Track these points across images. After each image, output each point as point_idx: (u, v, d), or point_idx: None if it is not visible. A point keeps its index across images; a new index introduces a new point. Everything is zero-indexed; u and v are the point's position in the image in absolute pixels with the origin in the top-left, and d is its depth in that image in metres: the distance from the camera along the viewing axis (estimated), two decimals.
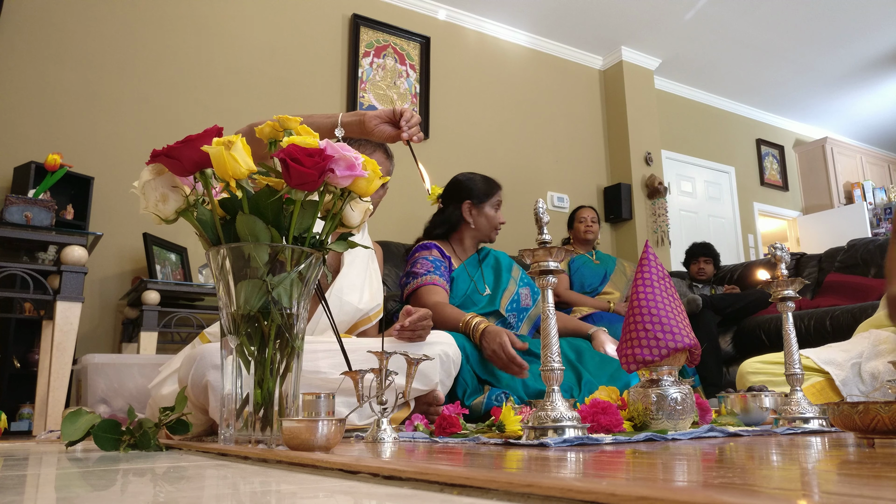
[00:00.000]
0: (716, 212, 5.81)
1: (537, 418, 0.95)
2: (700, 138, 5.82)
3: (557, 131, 4.85)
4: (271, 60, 3.77)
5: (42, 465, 0.94)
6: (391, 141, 1.50)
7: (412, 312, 1.59)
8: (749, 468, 0.59)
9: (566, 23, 4.70)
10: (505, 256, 2.31)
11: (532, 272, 1.02)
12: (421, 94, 4.23)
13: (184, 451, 1.08)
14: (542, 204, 1.04)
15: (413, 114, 1.49)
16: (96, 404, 1.99)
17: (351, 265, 1.71)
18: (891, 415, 0.72)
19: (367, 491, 0.56)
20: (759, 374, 1.65)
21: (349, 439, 1.23)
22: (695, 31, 4.84)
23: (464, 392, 1.76)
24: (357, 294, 1.69)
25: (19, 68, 3.06)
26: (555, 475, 0.53)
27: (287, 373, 1.05)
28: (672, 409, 1.09)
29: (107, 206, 3.09)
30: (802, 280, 1.31)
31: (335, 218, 1.12)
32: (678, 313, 1.17)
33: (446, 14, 4.48)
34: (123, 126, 3.26)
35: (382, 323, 1.44)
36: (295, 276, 1.06)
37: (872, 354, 1.64)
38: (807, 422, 1.17)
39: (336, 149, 1.02)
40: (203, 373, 1.28)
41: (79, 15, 3.25)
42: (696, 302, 3.42)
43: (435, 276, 2.08)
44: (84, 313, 2.57)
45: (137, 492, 0.61)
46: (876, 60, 5.38)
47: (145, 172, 1.06)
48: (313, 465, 0.73)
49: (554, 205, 4.66)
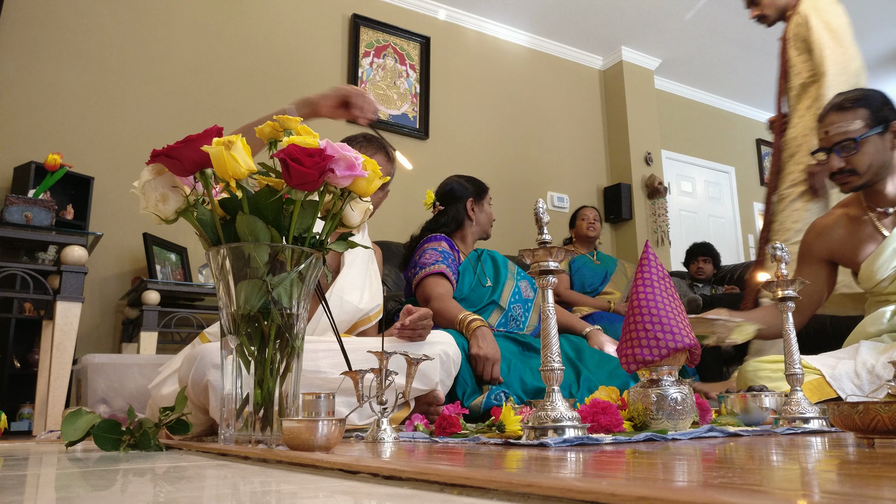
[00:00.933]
0: (716, 212, 5.81)
1: (537, 418, 0.95)
2: (700, 138, 5.82)
3: (557, 131, 4.85)
4: (271, 60, 3.77)
5: (42, 465, 0.94)
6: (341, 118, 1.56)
7: (412, 311, 1.59)
8: (749, 468, 0.59)
9: (566, 23, 4.70)
10: (498, 254, 2.34)
11: (532, 272, 1.02)
12: (421, 94, 4.23)
13: (184, 451, 1.08)
14: (542, 204, 1.04)
15: (362, 93, 1.54)
16: (96, 404, 1.99)
17: (351, 265, 1.71)
18: (891, 415, 0.72)
19: (367, 491, 0.56)
20: (759, 374, 1.65)
21: (349, 439, 1.23)
22: (695, 31, 4.84)
23: (463, 392, 1.76)
24: (357, 294, 1.69)
25: (19, 68, 3.06)
26: (555, 475, 0.53)
27: (287, 373, 1.05)
28: (672, 409, 1.09)
29: (107, 206, 3.09)
30: (802, 280, 1.31)
31: (335, 218, 1.12)
32: (678, 313, 1.17)
33: (446, 14, 4.48)
34: (123, 126, 3.26)
35: (382, 323, 1.44)
36: (295, 276, 1.06)
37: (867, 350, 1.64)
38: (807, 422, 1.17)
39: (336, 149, 1.02)
40: (203, 372, 1.28)
41: (79, 15, 3.25)
42: (697, 302, 3.42)
43: (443, 266, 2.09)
44: (84, 313, 2.57)
45: (137, 492, 0.61)
46: (876, 60, 5.38)
47: (145, 172, 1.06)
48: (313, 465, 0.73)
49: (554, 205, 4.66)
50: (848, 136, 1.70)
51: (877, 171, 1.72)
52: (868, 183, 1.74)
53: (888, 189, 1.76)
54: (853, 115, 1.71)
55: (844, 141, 1.71)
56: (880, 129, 1.71)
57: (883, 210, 1.78)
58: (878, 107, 1.72)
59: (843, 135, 1.71)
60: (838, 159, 1.73)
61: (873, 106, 1.72)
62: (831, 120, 1.74)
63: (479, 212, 2.34)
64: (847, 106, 1.72)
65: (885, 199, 1.78)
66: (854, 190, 1.78)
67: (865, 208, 1.82)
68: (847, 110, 1.72)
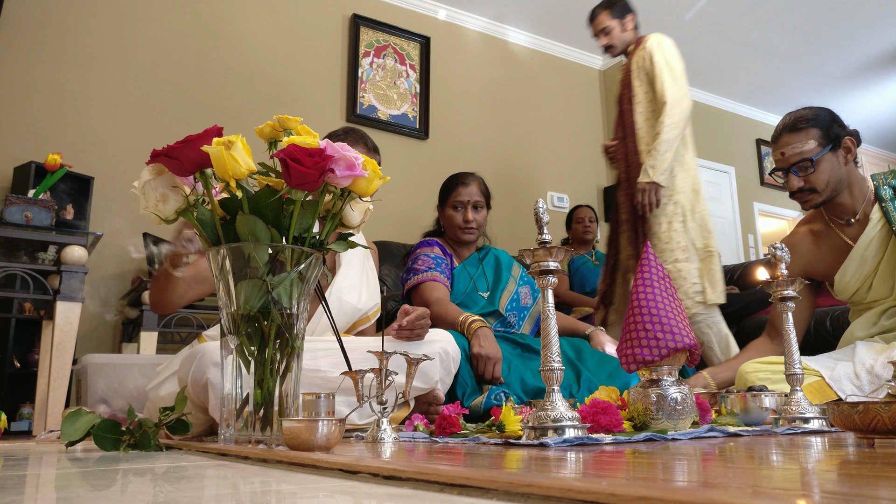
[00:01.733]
0: (716, 212, 5.80)
1: (537, 418, 0.95)
2: (699, 138, 5.78)
3: (557, 131, 4.85)
4: (271, 60, 3.77)
5: (42, 465, 0.94)
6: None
7: (410, 312, 1.59)
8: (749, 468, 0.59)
9: (566, 23, 4.70)
10: (505, 255, 2.31)
11: (532, 272, 1.02)
12: (421, 94, 4.23)
13: (184, 451, 1.08)
14: (542, 204, 1.04)
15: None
16: (96, 404, 1.99)
17: (348, 265, 1.72)
18: (891, 415, 0.72)
19: (367, 491, 0.56)
20: (759, 375, 1.65)
21: (349, 439, 1.23)
22: (695, 31, 4.84)
23: (463, 392, 1.76)
24: (356, 294, 1.69)
25: (19, 68, 3.06)
26: (555, 475, 0.53)
27: (287, 373, 1.05)
28: (672, 409, 1.09)
29: (107, 206, 3.09)
30: (802, 280, 1.31)
31: (335, 218, 1.12)
32: (678, 313, 1.17)
33: (446, 14, 4.48)
34: (123, 126, 3.26)
35: (382, 322, 1.44)
36: (295, 276, 1.06)
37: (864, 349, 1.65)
38: (807, 422, 1.17)
39: (336, 149, 1.02)
40: (203, 370, 1.28)
41: (79, 15, 3.25)
42: None
43: (436, 273, 2.07)
44: (84, 313, 2.57)
45: (137, 492, 0.61)
46: (876, 60, 5.38)
47: (145, 172, 1.06)
48: (313, 465, 0.73)
49: (554, 205, 4.66)
50: (804, 157, 1.74)
51: (835, 186, 1.76)
52: (828, 199, 1.79)
53: (847, 200, 1.80)
54: (806, 136, 1.74)
55: (801, 161, 1.74)
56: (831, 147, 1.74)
57: (845, 220, 1.82)
58: (829, 124, 1.75)
59: (799, 155, 1.74)
60: (797, 179, 1.77)
61: (823, 125, 1.75)
62: (786, 141, 1.77)
63: (444, 218, 2.24)
64: (800, 126, 1.75)
65: (846, 210, 1.81)
66: (815, 207, 1.82)
67: (828, 221, 1.86)
68: (800, 130, 1.75)
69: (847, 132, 1.76)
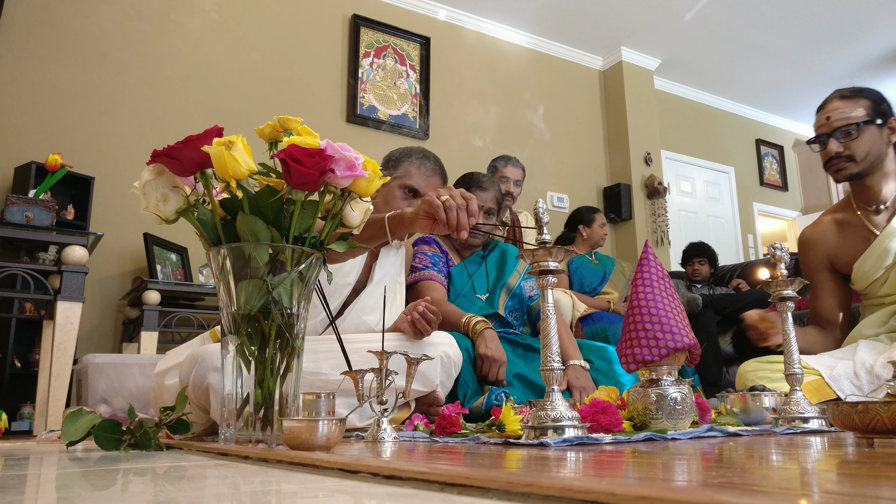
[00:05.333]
0: (715, 212, 5.81)
1: (537, 418, 0.95)
2: (699, 138, 5.82)
3: (557, 131, 4.85)
4: (271, 60, 3.77)
5: (42, 464, 0.94)
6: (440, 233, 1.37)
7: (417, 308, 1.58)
8: (749, 468, 0.59)
9: (566, 23, 4.70)
10: (514, 249, 2.28)
11: (532, 272, 1.02)
12: (421, 95, 4.23)
13: (184, 451, 1.08)
14: (542, 204, 1.04)
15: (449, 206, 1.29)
16: (97, 404, 1.99)
17: (378, 284, 1.70)
18: (890, 415, 0.72)
19: (368, 490, 0.56)
20: (759, 374, 1.65)
21: (349, 439, 1.23)
22: (695, 32, 4.84)
23: (465, 394, 1.75)
24: (377, 317, 1.68)
25: (20, 68, 3.06)
26: (554, 475, 0.53)
27: (287, 372, 1.05)
28: (672, 409, 1.09)
29: (107, 206, 3.09)
30: (802, 280, 1.31)
31: (335, 218, 1.12)
32: (678, 313, 1.17)
33: (446, 14, 4.48)
34: (123, 126, 3.26)
35: (383, 321, 1.44)
36: (295, 276, 1.06)
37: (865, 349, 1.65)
38: (806, 422, 1.17)
39: (336, 149, 1.02)
40: (204, 375, 1.28)
41: (79, 15, 3.25)
42: (696, 302, 3.42)
43: (433, 272, 2.06)
44: (84, 313, 2.57)
45: (138, 492, 0.61)
46: (876, 60, 5.38)
47: (146, 172, 1.06)
48: (313, 465, 0.73)
49: (554, 205, 4.66)
50: (850, 122, 1.74)
51: (872, 161, 1.76)
52: (862, 172, 1.77)
53: (879, 185, 1.79)
54: (856, 104, 1.75)
55: (846, 126, 1.74)
56: (880, 122, 1.74)
57: (873, 208, 1.80)
58: (878, 101, 1.77)
59: (846, 119, 1.74)
60: (837, 144, 1.76)
61: (874, 98, 1.77)
62: (835, 106, 1.78)
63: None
64: (853, 95, 1.77)
65: (875, 196, 1.80)
66: (848, 178, 1.79)
67: (855, 208, 1.84)
68: (851, 98, 1.77)
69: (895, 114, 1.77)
